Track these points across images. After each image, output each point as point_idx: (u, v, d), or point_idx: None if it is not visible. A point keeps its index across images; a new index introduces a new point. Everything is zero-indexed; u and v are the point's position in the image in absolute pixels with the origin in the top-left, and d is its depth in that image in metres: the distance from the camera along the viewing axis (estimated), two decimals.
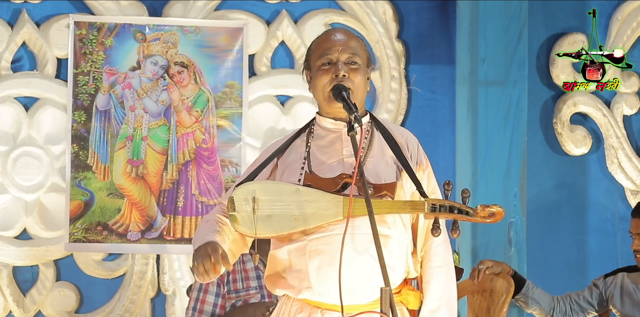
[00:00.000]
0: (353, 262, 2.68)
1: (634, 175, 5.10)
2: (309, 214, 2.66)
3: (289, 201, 2.67)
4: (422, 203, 2.72)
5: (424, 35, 5.62)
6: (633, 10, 5.16)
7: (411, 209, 2.72)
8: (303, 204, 2.67)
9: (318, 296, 2.72)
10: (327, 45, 2.82)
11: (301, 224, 2.66)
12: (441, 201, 2.74)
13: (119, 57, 5.31)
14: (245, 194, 2.67)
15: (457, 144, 5.58)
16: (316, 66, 2.81)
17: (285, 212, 2.66)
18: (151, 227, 5.27)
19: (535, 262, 4.92)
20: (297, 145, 2.84)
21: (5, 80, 5.28)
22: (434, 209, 2.70)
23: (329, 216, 2.66)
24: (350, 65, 2.80)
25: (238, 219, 2.67)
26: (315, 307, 2.74)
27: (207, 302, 4.02)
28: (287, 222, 2.66)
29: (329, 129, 2.84)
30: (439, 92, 5.61)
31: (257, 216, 2.66)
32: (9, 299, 5.21)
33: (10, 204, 5.25)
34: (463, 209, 2.73)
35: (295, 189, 2.69)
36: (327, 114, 2.85)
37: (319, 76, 2.79)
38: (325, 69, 2.79)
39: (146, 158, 5.30)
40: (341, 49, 2.80)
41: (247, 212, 2.66)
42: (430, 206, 2.71)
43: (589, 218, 5.06)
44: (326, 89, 2.78)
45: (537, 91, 5.06)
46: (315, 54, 2.83)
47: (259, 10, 5.48)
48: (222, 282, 4.04)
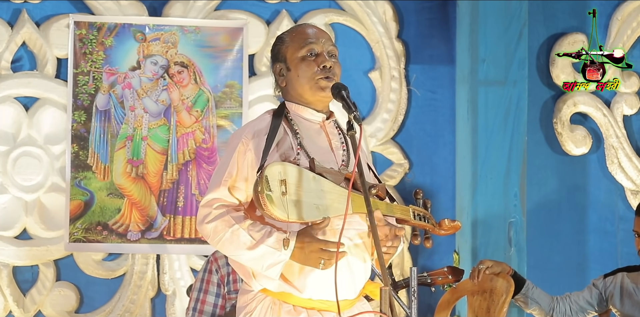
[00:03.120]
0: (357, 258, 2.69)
1: (634, 175, 5.10)
2: (326, 204, 2.61)
3: (308, 188, 2.60)
4: (408, 209, 2.78)
5: (424, 35, 5.62)
6: (633, 10, 5.16)
7: (400, 213, 2.76)
8: (320, 193, 2.61)
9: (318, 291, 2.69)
10: (308, 36, 2.81)
11: (321, 213, 2.59)
12: (419, 209, 2.80)
13: (119, 57, 5.31)
14: (278, 175, 2.56)
15: (457, 144, 5.58)
16: (297, 57, 2.78)
17: (308, 200, 2.58)
18: (151, 227, 5.27)
19: (535, 262, 4.92)
20: (281, 129, 2.77)
21: (5, 80, 5.28)
22: (414, 217, 2.75)
23: (341, 210, 2.62)
24: (332, 57, 2.80)
25: (274, 200, 2.53)
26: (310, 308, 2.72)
27: (207, 302, 4.02)
28: (311, 211, 2.58)
29: (309, 119, 2.81)
30: (439, 92, 5.61)
31: (287, 199, 2.55)
32: (9, 299, 5.21)
33: (10, 204, 5.25)
34: (431, 220, 2.82)
35: (312, 176, 2.62)
36: (307, 103, 2.81)
37: (303, 66, 2.77)
38: (310, 60, 2.77)
39: (146, 158, 5.30)
40: (324, 40, 2.80)
41: (280, 195, 2.54)
42: (413, 213, 2.76)
43: (589, 218, 5.06)
44: (314, 79, 2.76)
45: (537, 91, 5.05)
46: (294, 46, 2.80)
47: (259, 10, 5.48)
48: (222, 283, 4.04)
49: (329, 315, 2.72)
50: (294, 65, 2.80)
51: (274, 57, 2.86)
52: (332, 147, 2.79)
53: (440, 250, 5.53)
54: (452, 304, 4.47)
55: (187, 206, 5.31)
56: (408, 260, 5.48)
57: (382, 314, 2.43)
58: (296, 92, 2.81)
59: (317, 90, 2.77)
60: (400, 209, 2.77)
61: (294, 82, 2.81)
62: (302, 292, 2.68)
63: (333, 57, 2.80)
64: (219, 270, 4.03)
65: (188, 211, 5.31)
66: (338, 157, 2.77)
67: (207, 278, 4.03)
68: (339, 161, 2.76)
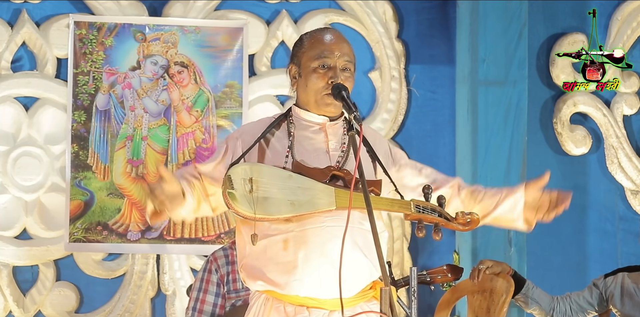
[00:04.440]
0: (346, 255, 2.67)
1: (634, 175, 5.10)
2: (303, 200, 2.66)
3: (283, 186, 2.66)
4: (408, 203, 2.76)
5: (424, 35, 5.62)
6: (633, 10, 5.16)
7: (399, 207, 2.75)
8: (297, 190, 2.66)
9: (309, 289, 2.70)
10: (325, 47, 2.81)
11: (296, 209, 2.65)
12: (424, 203, 2.78)
13: (119, 57, 5.31)
14: (242, 174, 2.64)
15: (457, 144, 5.58)
16: (310, 67, 2.80)
17: (281, 196, 2.65)
18: (151, 227, 5.27)
19: (535, 262, 4.92)
20: (278, 133, 2.83)
21: (5, 80, 5.28)
22: (418, 210, 2.73)
23: (323, 205, 2.66)
24: (344, 72, 2.80)
25: (237, 198, 2.62)
26: (299, 305, 2.72)
27: (207, 302, 4.02)
28: (284, 206, 2.64)
29: (310, 121, 2.84)
30: (439, 92, 5.61)
31: (255, 196, 2.63)
32: (9, 299, 5.21)
33: (10, 204, 5.25)
34: (443, 213, 2.79)
35: (288, 175, 2.69)
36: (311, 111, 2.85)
37: (313, 78, 2.79)
38: (321, 73, 2.79)
39: (146, 158, 5.30)
40: (339, 55, 2.80)
41: (245, 192, 2.62)
42: (415, 206, 2.74)
43: (589, 218, 5.06)
44: (320, 93, 2.78)
45: (537, 91, 5.06)
46: (309, 54, 2.82)
47: (259, 10, 5.48)
48: (222, 282, 4.04)
49: (318, 312, 2.71)
50: (305, 73, 2.82)
51: (291, 58, 2.89)
52: (328, 148, 2.80)
53: (440, 250, 5.53)
54: (452, 303, 4.47)
55: None
56: (408, 260, 5.48)
57: (382, 314, 2.43)
58: (302, 100, 2.85)
59: (322, 105, 2.80)
60: (399, 202, 2.77)
61: (302, 90, 2.84)
62: (283, 289, 2.71)
63: (347, 72, 2.80)
64: (218, 270, 4.03)
65: None
66: (333, 158, 2.77)
67: (206, 278, 4.04)
68: (333, 161, 2.76)
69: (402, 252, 5.47)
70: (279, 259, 2.71)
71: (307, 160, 2.75)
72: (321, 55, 2.80)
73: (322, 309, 2.72)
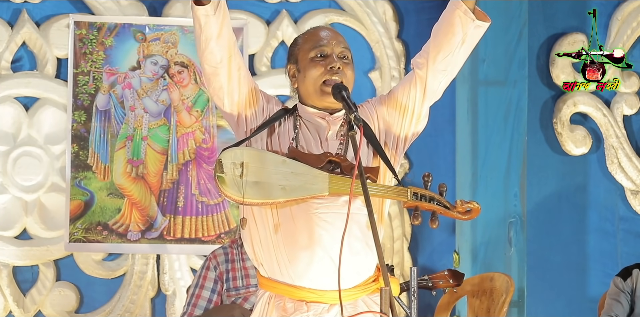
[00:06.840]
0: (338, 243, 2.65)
1: (634, 175, 5.10)
2: (295, 185, 2.67)
3: (275, 170, 2.68)
4: (405, 190, 2.77)
5: (424, 35, 5.56)
6: (633, 10, 5.16)
7: (395, 194, 2.77)
8: (289, 175, 2.68)
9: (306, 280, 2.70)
10: (319, 38, 2.83)
11: (287, 194, 2.66)
12: (422, 191, 2.80)
13: (119, 57, 5.31)
14: (233, 158, 2.67)
15: (457, 144, 5.58)
16: (307, 58, 2.81)
17: (272, 181, 2.67)
18: (151, 227, 5.28)
19: (535, 262, 4.92)
20: (283, 126, 2.83)
21: (5, 80, 5.28)
22: (415, 197, 2.73)
23: (315, 190, 2.68)
24: (343, 59, 2.81)
25: (226, 181, 2.65)
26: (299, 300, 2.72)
27: (202, 297, 4.03)
28: (274, 191, 2.66)
29: (315, 113, 2.84)
30: None
31: (245, 180, 2.65)
32: (9, 299, 5.21)
33: (10, 204, 5.26)
34: (442, 201, 2.81)
35: (282, 160, 2.70)
36: (315, 106, 2.84)
37: (311, 67, 2.79)
38: (318, 61, 2.79)
39: (146, 158, 5.30)
40: (335, 43, 2.82)
41: (235, 176, 2.65)
42: (412, 193, 2.74)
43: (589, 218, 5.06)
44: (319, 81, 2.78)
45: (537, 91, 5.05)
46: (305, 47, 2.83)
47: (259, 10, 5.48)
48: (220, 280, 4.05)
49: (317, 307, 2.71)
50: (303, 66, 2.82)
51: (288, 59, 2.89)
52: (326, 137, 2.80)
53: (440, 250, 5.53)
54: (452, 304, 4.48)
55: (187, 206, 5.32)
56: (408, 260, 5.47)
57: (382, 314, 2.43)
58: (303, 95, 2.85)
59: (321, 95, 2.79)
60: (395, 189, 2.77)
61: (302, 84, 2.83)
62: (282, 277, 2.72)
63: (345, 59, 2.82)
64: (217, 267, 4.05)
65: (188, 211, 5.31)
66: (333, 148, 2.78)
67: (204, 274, 4.07)
68: (333, 151, 2.77)
69: (402, 252, 5.47)
70: (271, 245, 2.72)
71: (305, 146, 2.77)
72: (317, 45, 2.81)
73: (321, 303, 2.71)
